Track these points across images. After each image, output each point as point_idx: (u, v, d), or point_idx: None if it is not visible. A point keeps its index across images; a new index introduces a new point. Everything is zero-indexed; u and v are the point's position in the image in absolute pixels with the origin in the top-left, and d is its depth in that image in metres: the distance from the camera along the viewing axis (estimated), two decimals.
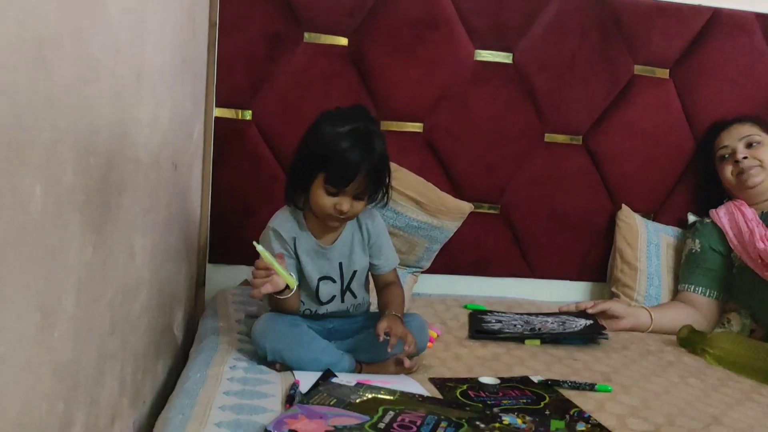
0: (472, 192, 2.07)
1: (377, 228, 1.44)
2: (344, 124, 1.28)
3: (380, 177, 1.33)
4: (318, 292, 1.40)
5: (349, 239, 1.41)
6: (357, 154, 1.26)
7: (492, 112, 2.07)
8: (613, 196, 2.17)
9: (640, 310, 1.87)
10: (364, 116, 1.33)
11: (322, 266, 1.39)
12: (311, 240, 1.38)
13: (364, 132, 1.28)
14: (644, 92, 2.14)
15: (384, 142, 1.32)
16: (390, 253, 1.47)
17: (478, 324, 1.72)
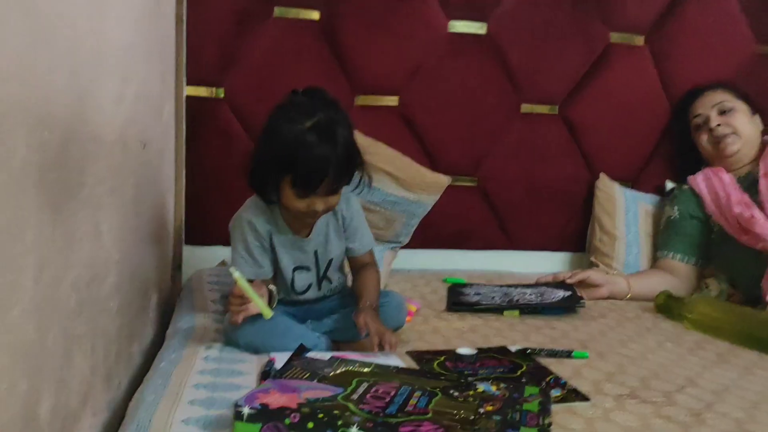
0: (449, 165, 2.07)
1: (352, 211, 1.40)
2: (303, 119, 1.18)
3: (351, 165, 1.26)
4: (293, 284, 1.39)
5: (324, 227, 1.38)
6: (322, 152, 1.17)
7: (467, 83, 2.06)
8: (590, 165, 2.18)
9: (618, 278, 1.88)
10: (323, 103, 1.23)
11: (297, 257, 1.37)
12: (287, 234, 1.35)
13: (325, 124, 1.18)
14: (620, 60, 2.14)
15: (349, 125, 1.24)
16: (365, 235, 1.43)
17: (456, 297, 1.73)
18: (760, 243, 1.75)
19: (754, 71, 2.22)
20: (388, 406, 0.90)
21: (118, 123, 1.15)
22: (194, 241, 1.98)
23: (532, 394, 0.99)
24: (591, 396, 1.12)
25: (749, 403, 1.13)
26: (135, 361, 1.36)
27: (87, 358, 0.99)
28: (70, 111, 0.87)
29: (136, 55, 1.32)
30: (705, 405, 1.11)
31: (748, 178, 1.92)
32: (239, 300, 1.22)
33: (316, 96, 1.25)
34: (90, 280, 1.00)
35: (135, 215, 1.33)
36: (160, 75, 1.62)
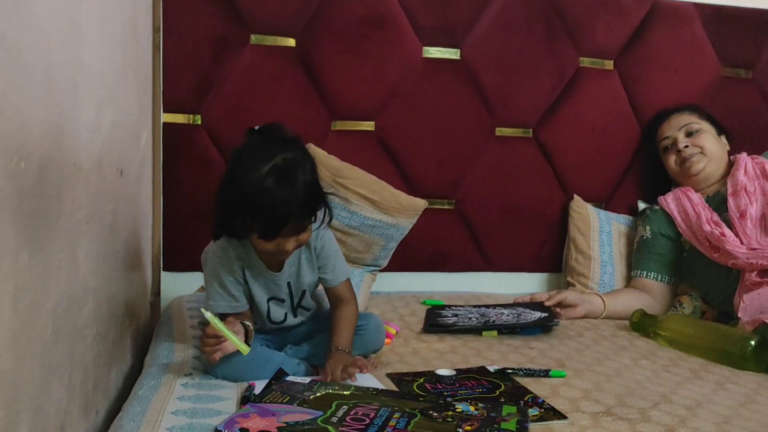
0: (425, 188, 2.09)
1: (323, 241, 1.38)
2: (260, 165, 1.16)
3: (315, 203, 1.24)
4: (269, 314, 1.39)
5: (296, 259, 1.37)
6: (282, 198, 1.16)
7: (442, 108, 2.09)
8: (564, 186, 2.22)
9: (594, 297, 1.91)
10: (280, 143, 1.21)
11: (271, 289, 1.37)
12: (260, 266, 1.34)
13: (283, 168, 1.16)
14: (590, 84, 2.19)
15: (309, 161, 1.22)
16: (339, 266, 1.41)
17: (433, 318, 1.74)
18: (730, 260, 1.79)
19: (719, 93, 2.29)
20: (368, 428, 0.91)
21: (95, 150, 1.16)
22: (172, 268, 1.97)
23: (509, 413, 1.01)
24: (568, 414, 1.14)
25: (722, 418, 1.15)
26: (113, 389, 1.35)
27: (64, 387, 0.99)
28: (46, 140, 0.88)
29: (113, 83, 1.33)
30: (679, 420, 1.13)
31: (716, 197, 1.97)
32: (214, 340, 1.21)
33: (272, 135, 1.22)
34: (67, 308, 0.99)
35: (112, 242, 1.33)
36: (137, 102, 1.63)
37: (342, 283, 1.42)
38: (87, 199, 1.10)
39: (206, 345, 1.22)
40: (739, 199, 1.87)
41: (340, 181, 1.88)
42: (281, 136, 1.22)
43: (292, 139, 1.23)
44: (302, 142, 1.25)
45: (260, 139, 1.22)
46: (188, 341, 1.51)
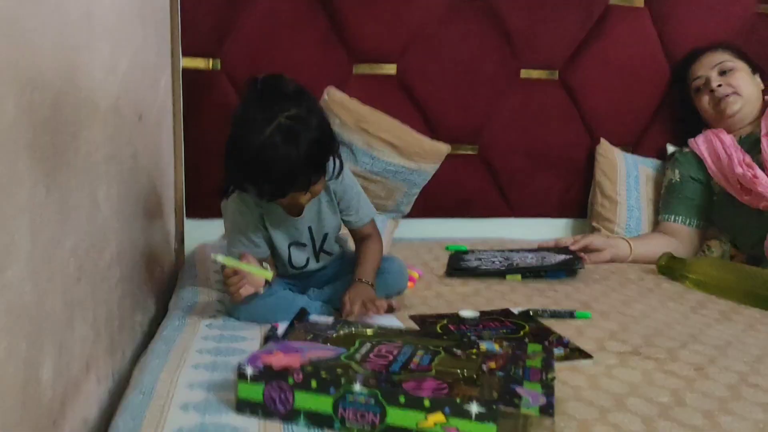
0: (448, 133, 2.04)
1: (344, 185, 1.35)
2: (263, 127, 1.11)
3: (325, 159, 1.20)
4: (291, 260, 1.37)
5: (316, 204, 1.34)
6: (289, 160, 1.11)
7: (466, 50, 2.03)
8: (591, 130, 2.16)
9: (620, 241, 1.87)
10: (282, 99, 1.14)
11: (291, 234, 1.35)
12: (280, 212, 1.32)
13: (287, 128, 1.11)
14: (619, 22, 2.11)
15: (316, 117, 1.15)
16: (363, 207, 1.39)
17: (456, 263, 1.72)
18: (762, 203, 1.74)
19: (754, 31, 2.19)
20: (391, 364, 0.89)
21: (111, 92, 1.13)
22: (196, 215, 1.96)
23: (534, 351, 0.99)
24: (594, 354, 1.12)
25: (752, 357, 1.13)
26: (138, 332, 1.36)
27: (89, 326, 0.99)
28: (59, 73, 0.85)
29: (129, 24, 1.30)
30: (708, 360, 1.11)
31: (749, 139, 1.90)
32: (236, 278, 1.20)
33: (273, 91, 1.15)
34: (89, 247, 0.98)
35: (134, 186, 1.32)
36: (155, 46, 1.60)
37: (367, 224, 1.41)
38: (104, 140, 1.08)
39: (229, 285, 1.21)
40: None
41: (363, 126, 1.85)
42: (282, 91, 1.15)
43: (295, 93, 1.16)
44: (306, 93, 1.18)
45: (261, 95, 1.15)
46: (212, 286, 1.51)
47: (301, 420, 0.84)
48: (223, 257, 1.19)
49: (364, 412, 0.82)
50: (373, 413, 0.82)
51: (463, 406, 0.78)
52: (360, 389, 0.82)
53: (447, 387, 0.83)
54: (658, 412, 0.91)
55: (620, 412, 0.91)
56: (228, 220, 1.35)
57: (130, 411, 0.88)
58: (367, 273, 1.33)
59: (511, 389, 0.83)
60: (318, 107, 1.20)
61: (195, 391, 0.92)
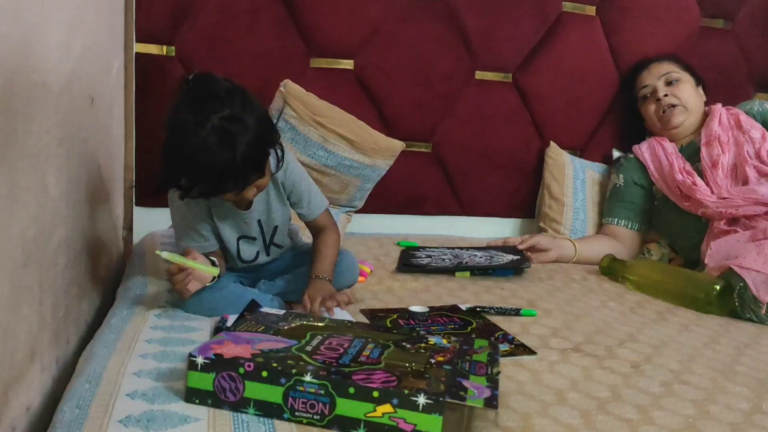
0: (403, 130, 2.07)
1: (293, 176, 1.35)
2: (195, 130, 1.09)
3: (263, 156, 1.19)
4: (240, 254, 1.37)
5: (264, 197, 1.34)
6: (229, 166, 1.10)
7: (423, 49, 2.06)
8: (541, 133, 2.21)
9: (565, 242, 1.93)
10: (215, 99, 1.11)
11: (240, 227, 1.35)
12: (227, 205, 1.31)
13: (221, 130, 1.09)
14: (572, 30, 2.16)
15: (251, 114, 1.13)
16: (314, 199, 1.39)
17: (407, 259, 1.75)
18: (700, 209, 1.82)
19: (698, 44, 2.28)
20: (341, 356, 0.91)
21: (64, 73, 1.11)
22: (145, 203, 1.93)
23: (481, 346, 1.02)
24: (538, 350, 1.16)
25: (685, 356, 1.18)
26: (83, 321, 1.33)
27: (34, 312, 0.97)
28: (13, 54, 0.83)
29: (83, 6, 1.27)
30: (644, 358, 1.16)
31: (690, 147, 1.98)
32: (182, 275, 1.18)
33: (205, 91, 1.12)
34: (37, 232, 0.97)
35: (84, 171, 1.29)
36: (109, 30, 1.57)
37: (321, 215, 1.41)
38: (56, 122, 1.06)
39: (176, 283, 1.19)
40: (712, 149, 1.89)
41: (319, 120, 1.85)
42: (214, 92, 1.12)
43: (228, 92, 1.13)
44: (239, 90, 1.15)
45: (193, 97, 1.13)
46: (161, 276, 1.49)
47: (250, 409, 0.85)
48: (168, 254, 1.16)
49: (314, 402, 0.83)
50: (322, 404, 0.83)
51: (410, 398, 0.81)
52: (310, 380, 0.83)
53: (396, 379, 0.85)
54: (596, 406, 0.95)
55: (561, 405, 0.94)
56: (174, 211, 1.34)
57: (76, 399, 0.87)
58: (324, 269, 1.33)
59: (458, 382, 0.86)
60: (253, 103, 1.16)
61: (143, 379, 0.92)
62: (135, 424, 0.80)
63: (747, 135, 1.88)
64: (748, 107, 2.01)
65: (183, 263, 1.17)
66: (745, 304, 1.48)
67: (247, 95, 1.16)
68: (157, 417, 0.82)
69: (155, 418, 0.81)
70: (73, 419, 0.82)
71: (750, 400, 1.01)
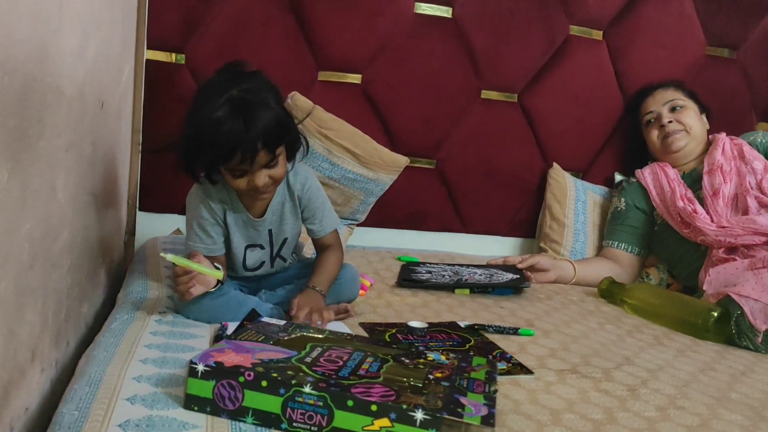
0: (408, 146, 2.09)
1: (310, 192, 1.37)
2: (216, 98, 1.15)
3: (282, 136, 1.22)
4: (245, 261, 1.38)
5: (279, 208, 1.36)
6: (232, 128, 1.14)
7: (431, 66, 2.08)
8: (545, 154, 2.23)
9: (565, 263, 1.94)
10: (240, 76, 1.19)
11: (251, 235, 1.36)
12: (242, 210, 1.33)
13: (237, 100, 1.15)
14: (579, 53, 2.19)
15: (271, 94, 1.20)
16: (327, 216, 1.41)
17: (408, 274, 1.76)
18: (700, 236, 1.83)
19: (703, 72, 2.31)
20: (340, 369, 0.92)
21: (77, 77, 1.13)
22: (148, 208, 1.95)
23: (479, 364, 1.02)
24: (535, 370, 1.16)
25: (681, 381, 1.19)
26: (83, 324, 1.34)
27: (37, 313, 0.98)
28: (31, 58, 0.85)
29: (98, 11, 1.29)
30: (640, 381, 1.17)
31: (692, 174, 2.00)
32: (186, 277, 1.20)
33: (233, 70, 1.22)
34: (43, 234, 0.98)
35: (90, 175, 1.31)
36: (120, 35, 1.59)
37: (329, 234, 1.43)
38: (67, 126, 1.07)
39: (179, 284, 1.20)
40: (714, 178, 1.90)
41: (324, 132, 1.87)
42: (241, 70, 1.22)
43: (252, 72, 1.23)
44: (264, 75, 1.24)
45: (221, 75, 1.22)
46: (162, 281, 1.50)
47: (249, 418, 0.86)
48: (173, 256, 1.17)
49: (312, 414, 0.84)
50: (320, 415, 0.84)
51: (408, 413, 0.81)
52: (310, 391, 0.84)
53: (394, 394, 0.85)
54: (591, 428, 0.96)
55: (556, 426, 0.95)
56: (190, 210, 1.35)
57: (76, 402, 0.87)
58: (321, 282, 1.34)
59: (456, 399, 0.86)
60: (274, 88, 1.23)
61: (143, 384, 0.93)
62: (134, 429, 0.80)
63: (749, 166, 1.90)
64: (751, 138, 2.03)
65: (188, 266, 1.18)
66: (742, 332, 1.49)
67: (269, 81, 1.24)
68: (155, 422, 0.82)
69: (154, 424, 0.82)
70: (72, 422, 0.82)
71: (744, 428, 1.02)
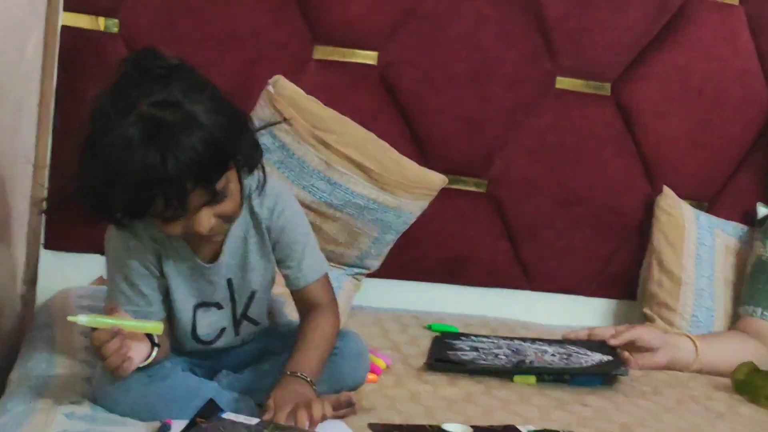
0: (446, 158, 2.09)
1: (283, 219, 1.37)
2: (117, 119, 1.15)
3: (222, 162, 1.20)
4: (195, 328, 1.38)
5: (239, 244, 1.36)
6: (154, 168, 1.13)
7: (480, 41, 2.09)
8: (650, 172, 2.23)
9: (682, 340, 1.92)
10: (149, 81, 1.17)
11: (201, 289, 1.37)
12: (185, 252, 1.33)
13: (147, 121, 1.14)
14: (702, 24, 2.19)
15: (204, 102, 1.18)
16: (309, 256, 1.41)
17: (442, 351, 1.75)
18: None
19: None
20: None
21: None
22: (58, 246, 1.96)
23: None
24: None
25: None
26: None
27: None
28: None
29: None
30: None
31: None
32: (116, 342, 1.18)
33: (141, 70, 1.20)
34: None
35: None
36: None
37: (315, 283, 1.42)
38: None
39: (108, 355, 1.19)
40: None
41: (320, 136, 1.87)
42: (151, 71, 1.19)
43: (169, 71, 1.20)
44: (187, 69, 1.22)
45: (125, 78, 1.20)
46: (76, 354, 1.51)
47: None
48: (89, 318, 1.18)
49: None
50: None
51: None
52: None
53: None
54: None
55: None
56: (111, 258, 1.36)
57: None
58: (306, 364, 1.33)
59: None
60: (205, 87, 1.22)
61: None
62: None
63: None
64: None
65: (113, 325, 1.18)
66: None
67: (197, 77, 1.22)
68: None
69: None
70: None
71: None
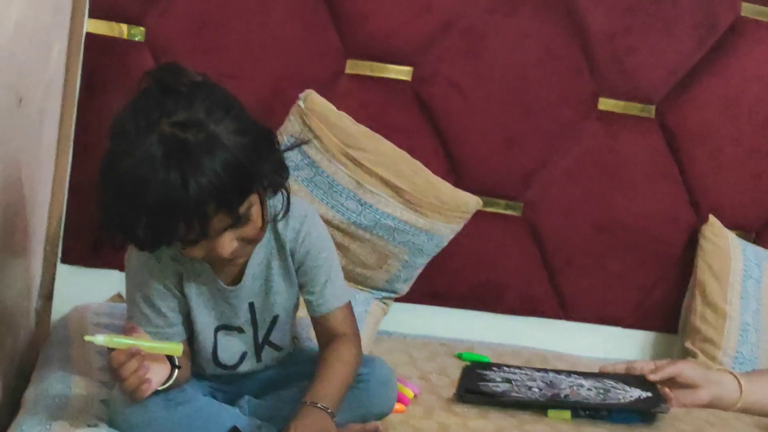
0: (481, 180, 2.10)
1: (309, 242, 1.38)
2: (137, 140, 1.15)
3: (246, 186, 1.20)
4: (216, 353, 1.39)
5: (263, 268, 1.37)
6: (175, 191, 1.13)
7: (520, 58, 2.10)
8: (696, 200, 2.23)
9: (726, 377, 1.89)
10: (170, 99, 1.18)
11: (223, 313, 1.38)
12: (207, 274, 1.34)
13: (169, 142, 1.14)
14: (754, 44, 2.20)
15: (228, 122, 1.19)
16: (333, 283, 1.41)
17: (473, 382, 1.74)
18: None
19: None
20: None
21: None
22: (75, 260, 1.98)
23: None
24: None
25: None
26: None
27: None
28: None
29: None
30: None
31: None
32: (134, 364, 1.18)
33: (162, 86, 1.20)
34: None
35: None
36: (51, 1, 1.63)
37: (337, 310, 1.42)
38: None
39: (125, 377, 1.19)
40: None
41: (351, 154, 1.88)
42: (174, 88, 1.19)
43: (192, 89, 1.20)
44: (212, 87, 1.23)
45: (146, 95, 1.21)
46: (93, 374, 1.51)
47: None
48: (105, 337, 1.18)
49: None
50: None
51: None
52: None
53: None
54: None
55: None
56: (130, 277, 1.37)
57: None
58: (326, 394, 1.32)
59: None
60: (230, 106, 1.22)
61: None
62: None
63: None
64: None
65: (132, 344, 1.18)
66: None
67: (222, 94, 1.22)
68: None
69: None
70: None
71: None
